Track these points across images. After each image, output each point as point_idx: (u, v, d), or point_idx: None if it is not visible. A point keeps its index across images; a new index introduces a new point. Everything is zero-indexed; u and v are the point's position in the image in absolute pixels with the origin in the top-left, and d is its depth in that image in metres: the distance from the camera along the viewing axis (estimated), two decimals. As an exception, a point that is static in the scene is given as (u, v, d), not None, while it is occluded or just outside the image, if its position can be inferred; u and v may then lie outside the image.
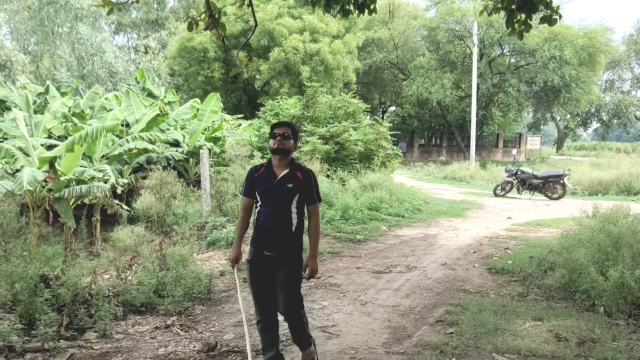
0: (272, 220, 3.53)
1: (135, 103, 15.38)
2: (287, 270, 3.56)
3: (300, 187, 3.56)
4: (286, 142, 3.55)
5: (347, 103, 14.95)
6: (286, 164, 3.60)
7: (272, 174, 3.58)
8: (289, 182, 3.54)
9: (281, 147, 3.55)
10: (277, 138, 3.55)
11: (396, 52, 35.87)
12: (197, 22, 5.39)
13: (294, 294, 3.63)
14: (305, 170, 3.65)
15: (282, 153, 3.56)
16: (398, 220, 10.81)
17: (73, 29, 34.66)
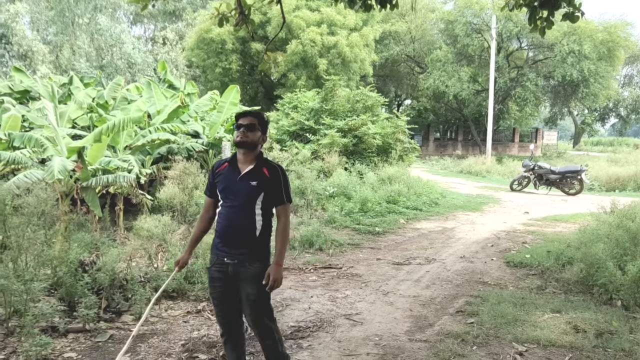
0: (233, 222, 3.13)
1: (156, 94, 15.60)
2: (252, 281, 3.13)
3: (266, 185, 3.14)
4: (251, 135, 3.14)
5: (366, 96, 15.07)
6: (251, 159, 3.19)
7: (236, 170, 3.18)
8: (252, 179, 3.13)
9: (244, 140, 3.14)
10: (240, 129, 3.14)
11: (413, 45, 35.79)
12: (227, 18, 5.57)
13: (261, 306, 3.21)
14: (272, 166, 3.22)
15: (245, 147, 3.15)
16: (416, 214, 10.95)
17: (92, 19, 35.09)
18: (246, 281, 3.12)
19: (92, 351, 4.01)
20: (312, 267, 6.78)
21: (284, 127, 15.34)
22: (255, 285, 3.12)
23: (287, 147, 14.19)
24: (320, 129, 14.36)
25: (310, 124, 14.75)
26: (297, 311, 5.12)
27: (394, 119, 15.12)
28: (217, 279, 3.21)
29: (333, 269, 6.71)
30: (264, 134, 3.26)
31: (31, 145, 9.37)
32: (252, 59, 30.54)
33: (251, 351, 4.03)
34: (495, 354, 4.12)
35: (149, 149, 13.08)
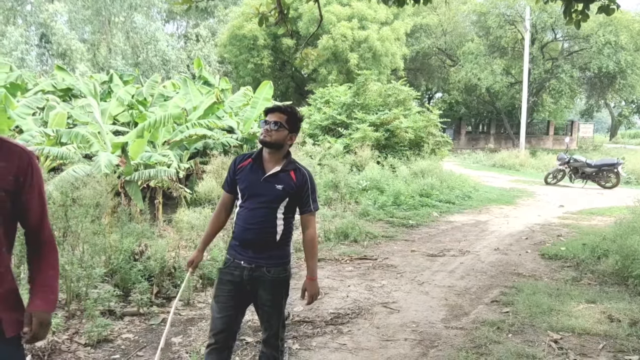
0: (253, 225, 2.88)
1: (192, 91, 16.00)
2: (270, 290, 2.93)
3: (292, 191, 2.90)
4: (275, 133, 2.85)
5: (398, 90, 15.17)
6: (278, 159, 2.92)
7: (261, 169, 2.92)
8: (278, 182, 2.88)
9: (267, 140, 2.86)
10: (265, 127, 2.87)
11: (444, 37, 35.53)
12: (267, 17, 5.79)
13: (275, 314, 2.99)
14: (301, 172, 2.96)
15: (268, 146, 2.89)
16: (449, 207, 11.04)
17: (128, 18, 35.89)
18: (262, 287, 2.91)
19: (147, 333, 4.30)
20: (348, 258, 6.98)
21: (316, 122, 15.56)
22: (272, 291, 2.93)
23: (319, 141, 14.41)
24: (353, 123, 14.52)
25: (343, 118, 14.92)
26: (335, 299, 5.32)
27: (426, 113, 15.17)
28: (228, 282, 2.94)
29: (368, 260, 6.90)
30: (294, 133, 2.95)
31: (78, 141, 9.82)
32: (284, 55, 30.83)
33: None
34: (531, 341, 4.25)
35: (186, 144, 13.47)
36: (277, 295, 2.98)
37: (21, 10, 36.52)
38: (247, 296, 2.96)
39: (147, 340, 4.17)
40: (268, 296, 2.93)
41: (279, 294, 2.99)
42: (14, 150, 1.89)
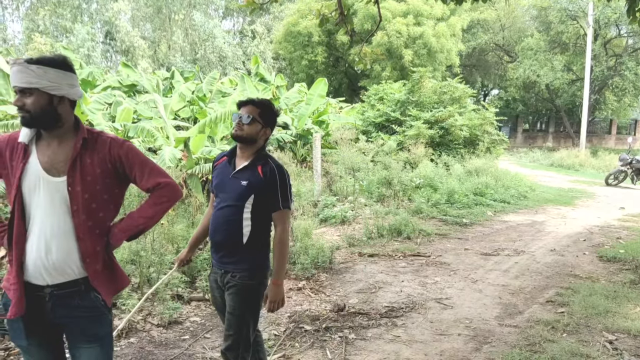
0: (220, 226, 2.75)
1: (249, 87, 16.44)
2: (233, 296, 2.71)
3: (258, 187, 2.70)
4: (247, 128, 2.72)
5: (453, 88, 15.04)
6: (248, 155, 2.77)
7: (232, 165, 2.79)
8: (244, 177, 2.71)
9: (238, 134, 2.74)
10: (237, 121, 2.75)
11: (502, 33, 34.76)
12: (327, 19, 5.97)
13: (237, 331, 2.73)
14: (270, 166, 2.74)
15: (239, 140, 2.77)
16: (503, 206, 10.93)
17: (187, 15, 36.98)
18: (228, 293, 2.73)
19: (212, 317, 4.58)
20: (401, 254, 7.09)
21: (369, 119, 15.64)
22: (234, 298, 2.70)
23: (372, 138, 14.50)
24: (407, 120, 14.52)
25: (397, 115, 14.95)
26: (389, 293, 5.47)
27: (482, 111, 14.99)
28: (213, 287, 2.88)
29: (422, 257, 6.99)
30: (268, 127, 2.81)
31: (143, 135, 10.33)
32: (337, 51, 31.00)
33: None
34: (585, 341, 4.27)
35: (242, 139, 13.91)
36: (240, 304, 2.70)
37: (87, 8, 38.25)
38: (223, 300, 2.80)
39: (212, 324, 4.45)
40: (230, 302, 2.71)
41: (242, 303, 2.71)
42: (105, 141, 2.17)
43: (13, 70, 1.98)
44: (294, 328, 4.42)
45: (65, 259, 2.06)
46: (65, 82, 2.05)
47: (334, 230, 8.71)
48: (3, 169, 2.11)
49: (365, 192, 10.67)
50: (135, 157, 2.20)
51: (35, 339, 2.14)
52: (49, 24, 36.09)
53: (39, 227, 2.05)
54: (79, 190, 2.06)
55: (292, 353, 3.97)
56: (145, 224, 2.23)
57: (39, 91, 2.00)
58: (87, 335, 2.16)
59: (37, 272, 2.05)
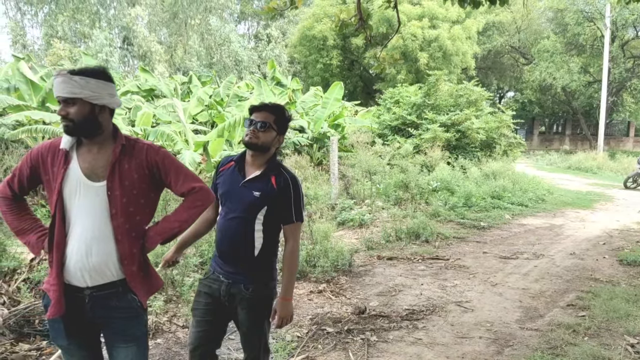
0: (229, 236, 2.62)
1: (265, 91, 16.57)
2: (248, 309, 2.64)
3: (271, 198, 2.59)
4: (263, 135, 2.58)
5: (470, 91, 15.03)
6: (261, 163, 2.64)
7: (241, 173, 2.64)
8: (256, 188, 2.57)
9: (253, 141, 2.58)
10: (251, 127, 2.60)
11: (518, 35, 34.55)
12: (347, 24, 6.03)
13: (257, 342, 2.71)
14: (284, 177, 2.63)
15: (253, 148, 2.61)
16: (521, 210, 10.89)
17: (203, 20, 37.28)
18: (240, 306, 2.63)
19: (235, 319, 4.66)
20: (420, 257, 7.12)
21: (385, 122, 15.68)
22: (250, 311, 2.64)
23: (389, 141, 14.54)
24: (423, 123, 14.54)
25: (413, 118, 14.97)
26: (409, 296, 5.50)
27: (498, 114, 14.95)
28: (205, 294, 2.70)
29: (440, 260, 7.01)
30: (282, 134, 2.69)
31: (163, 139, 10.48)
32: (352, 54, 31.08)
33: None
34: (607, 344, 4.27)
35: (260, 143, 14.03)
36: (257, 316, 2.66)
37: (105, 14, 38.72)
38: (225, 312, 2.68)
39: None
40: (246, 316, 2.64)
41: (259, 315, 2.66)
42: (142, 148, 2.25)
43: (57, 81, 2.07)
44: (316, 330, 4.48)
45: (105, 260, 2.15)
46: (106, 92, 2.14)
47: (352, 233, 8.77)
48: (44, 175, 2.20)
49: (383, 195, 10.70)
50: (171, 164, 2.28)
51: (75, 338, 2.22)
52: (68, 30, 36.62)
53: (80, 231, 2.13)
54: (117, 194, 2.15)
55: (315, 355, 4.03)
56: (180, 227, 2.30)
57: (81, 101, 2.09)
58: (124, 335, 2.24)
59: (78, 274, 2.13)
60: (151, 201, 2.30)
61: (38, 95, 11.78)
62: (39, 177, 2.22)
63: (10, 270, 4.62)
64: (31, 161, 2.21)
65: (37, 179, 2.24)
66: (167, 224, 2.28)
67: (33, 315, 4.00)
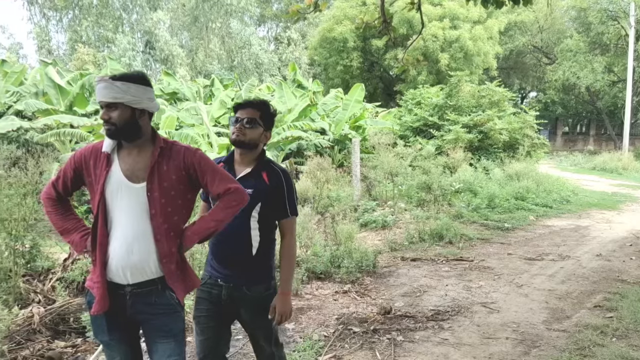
0: (225, 238, 2.55)
1: (286, 94, 16.69)
2: (252, 311, 2.61)
3: (264, 194, 2.56)
4: (249, 132, 2.56)
5: (492, 91, 14.92)
6: (250, 160, 2.62)
7: (231, 172, 2.57)
8: (248, 185, 2.52)
9: (240, 139, 2.57)
10: (237, 125, 2.57)
11: (541, 35, 34.19)
12: (370, 26, 6.07)
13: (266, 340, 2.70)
14: (275, 171, 2.62)
15: (241, 146, 2.59)
16: (546, 211, 10.79)
17: (224, 23, 37.65)
18: (244, 308, 2.60)
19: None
20: (444, 258, 7.12)
21: (407, 123, 15.65)
22: (254, 312, 2.61)
23: (410, 143, 14.51)
24: (445, 124, 14.48)
25: (434, 119, 14.92)
26: (434, 297, 5.52)
27: (521, 114, 14.83)
28: (204, 300, 2.63)
29: (464, 261, 7.00)
30: (268, 130, 2.66)
31: (187, 141, 10.63)
32: (373, 56, 31.05)
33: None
34: (635, 345, 4.23)
35: (281, 145, 14.12)
36: (262, 316, 2.61)
37: (128, 18, 39.35)
38: (229, 314, 2.65)
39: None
40: (252, 317, 2.63)
41: (263, 314, 2.60)
42: (179, 150, 2.32)
43: (99, 86, 2.16)
44: (342, 330, 4.52)
45: (145, 259, 2.23)
46: (146, 97, 2.22)
47: (374, 234, 8.80)
48: (87, 177, 2.29)
49: (405, 197, 10.70)
50: (207, 165, 2.34)
51: (116, 334, 2.32)
52: (92, 35, 37.31)
53: (121, 230, 2.22)
54: (156, 195, 2.23)
55: (342, 354, 4.07)
56: (216, 227, 2.34)
57: (123, 105, 2.17)
58: (163, 331, 2.32)
59: (119, 272, 2.21)
60: (188, 202, 2.37)
61: (65, 100, 12.06)
62: (82, 179, 2.32)
63: (44, 270, 4.76)
64: (75, 163, 2.30)
65: (81, 180, 2.33)
66: (203, 223, 2.34)
67: (68, 314, 4.12)
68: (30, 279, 4.60)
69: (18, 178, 4.39)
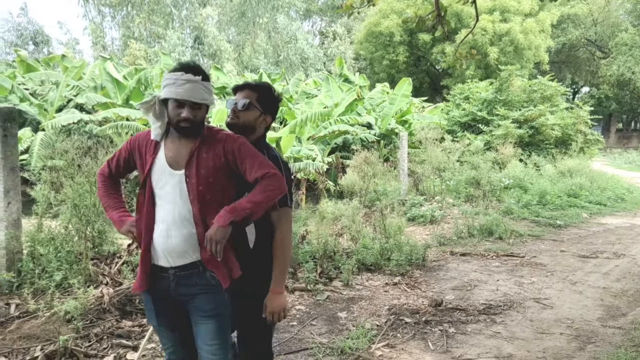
0: None
1: (333, 88, 16.77)
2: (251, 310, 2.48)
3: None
4: (243, 115, 2.44)
5: (544, 86, 14.59)
6: None
7: None
8: None
9: (234, 122, 2.45)
10: (231, 107, 2.47)
11: (594, 28, 33.07)
12: (424, 20, 6.08)
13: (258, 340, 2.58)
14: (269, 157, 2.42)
15: (234, 129, 2.46)
16: (599, 209, 10.53)
17: (271, 18, 38.01)
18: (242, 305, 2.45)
19: (315, 306, 4.85)
20: (494, 254, 7.07)
21: (455, 118, 15.50)
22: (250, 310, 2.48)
23: (458, 138, 14.36)
24: (494, 119, 14.27)
25: (483, 114, 14.72)
26: (485, 291, 5.51)
27: (575, 109, 14.45)
28: None
29: (515, 257, 6.93)
30: (267, 114, 2.51)
31: (238, 135, 10.86)
32: (419, 50, 30.75)
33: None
34: (698, 346, 4.14)
35: (328, 139, 14.23)
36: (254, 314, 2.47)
37: (178, 15, 40.28)
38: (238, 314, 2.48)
39: (317, 312, 4.72)
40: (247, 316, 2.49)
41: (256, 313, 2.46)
42: (221, 138, 2.34)
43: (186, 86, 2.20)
44: (394, 320, 4.59)
45: (184, 243, 2.28)
46: (212, 94, 2.34)
47: (422, 229, 8.81)
48: (139, 160, 2.40)
49: (453, 192, 10.63)
50: (247, 151, 2.34)
51: (164, 320, 2.41)
52: (143, 31, 38.40)
53: (163, 215, 2.29)
54: (194, 182, 2.27)
55: (395, 342, 4.15)
56: (252, 209, 2.24)
57: (206, 106, 2.29)
58: (202, 311, 2.34)
59: (162, 255, 2.29)
60: (227, 189, 2.36)
61: (122, 93, 12.52)
62: (134, 161, 2.42)
63: (110, 254, 5.02)
64: (130, 145, 2.44)
65: (132, 163, 2.44)
66: (239, 204, 2.27)
67: (134, 295, 4.34)
68: (97, 262, 4.86)
69: (90, 167, 4.65)
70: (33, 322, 3.89)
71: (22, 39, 39.90)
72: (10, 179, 4.51)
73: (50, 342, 3.63)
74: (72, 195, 4.61)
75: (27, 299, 4.07)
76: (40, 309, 3.98)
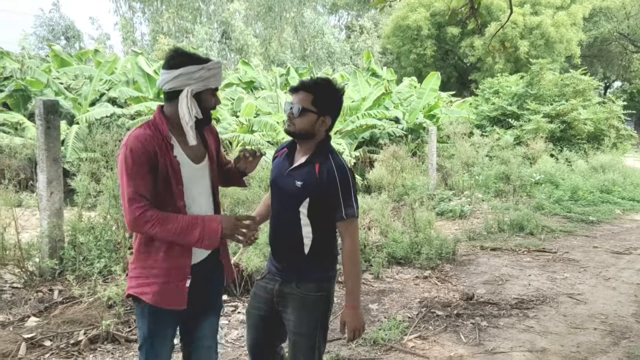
0: (277, 231, 2.39)
1: (361, 82, 16.75)
2: (297, 311, 2.31)
3: (312, 189, 2.25)
4: (299, 121, 2.26)
5: (577, 80, 14.33)
6: (307, 149, 2.33)
7: (290, 160, 2.36)
8: (300, 177, 2.27)
9: (290, 129, 2.31)
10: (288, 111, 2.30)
11: (627, 21, 32.23)
12: (457, 13, 6.05)
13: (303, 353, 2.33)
14: (329, 165, 2.26)
15: (293, 136, 2.35)
16: (633, 205, 10.33)
17: (297, 13, 38.08)
18: (290, 306, 2.32)
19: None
20: (525, 249, 7.02)
21: (484, 113, 15.34)
22: (299, 313, 2.30)
23: (487, 132, 14.22)
24: (524, 114, 14.09)
25: (513, 109, 14.54)
26: (517, 286, 5.49)
27: (608, 104, 14.16)
28: (258, 296, 2.45)
29: (547, 253, 6.87)
30: (326, 114, 2.29)
31: (267, 129, 10.97)
32: (447, 44, 30.40)
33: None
34: None
35: (355, 133, 14.24)
36: (306, 320, 2.30)
37: (206, 9, 40.65)
38: (278, 319, 2.39)
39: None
40: (295, 319, 2.31)
41: (309, 319, 2.30)
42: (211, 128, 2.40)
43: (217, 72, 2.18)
44: (426, 312, 4.62)
45: None
46: None
47: (451, 223, 8.78)
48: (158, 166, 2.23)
49: (482, 187, 10.55)
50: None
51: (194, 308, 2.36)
52: (172, 26, 38.84)
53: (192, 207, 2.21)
54: (215, 173, 2.34)
55: (427, 334, 4.17)
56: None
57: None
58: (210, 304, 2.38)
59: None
60: None
61: (154, 88, 12.73)
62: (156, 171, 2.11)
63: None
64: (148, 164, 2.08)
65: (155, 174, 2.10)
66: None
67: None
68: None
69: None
70: (76, 308, 4.04)
71: (53, 34, 40.73)
72: (53, 170, 4.66)
73: (92, 327, 3.77)
74: (111, 186, 4.75)
75: (70, 285, 4.21)
76: (83, 294, 4.11)
